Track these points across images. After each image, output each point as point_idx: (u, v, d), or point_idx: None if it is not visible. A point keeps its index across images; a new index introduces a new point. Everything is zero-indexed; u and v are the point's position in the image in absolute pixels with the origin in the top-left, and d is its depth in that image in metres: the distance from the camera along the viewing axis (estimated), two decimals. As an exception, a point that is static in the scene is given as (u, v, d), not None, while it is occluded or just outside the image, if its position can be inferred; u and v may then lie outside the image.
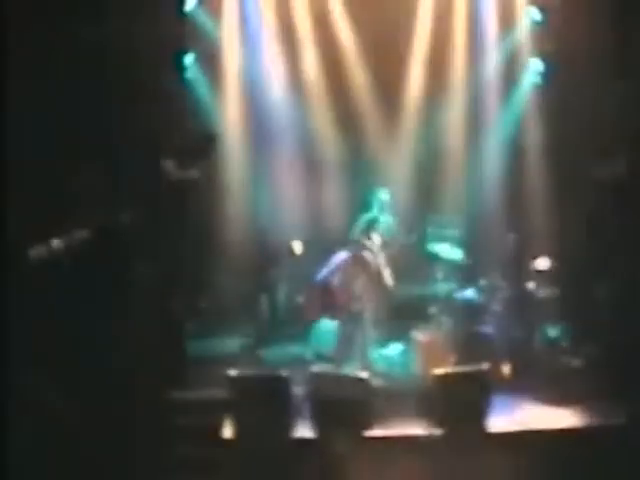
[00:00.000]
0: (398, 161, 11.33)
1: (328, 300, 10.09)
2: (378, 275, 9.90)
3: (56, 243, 8.98)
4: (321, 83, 11.30)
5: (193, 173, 10.51)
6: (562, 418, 8.74)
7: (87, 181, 9.53)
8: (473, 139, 11.43)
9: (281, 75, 11.25)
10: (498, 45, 11.28)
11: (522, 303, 10.30)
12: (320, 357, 10.08)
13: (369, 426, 8.38)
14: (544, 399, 9.20)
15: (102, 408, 8.01)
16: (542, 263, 10.23)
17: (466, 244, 10.66)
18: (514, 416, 8.80)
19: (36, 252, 8.70)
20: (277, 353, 10.31)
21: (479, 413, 8.46)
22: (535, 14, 11.11)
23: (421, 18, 11.21)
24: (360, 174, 11.25)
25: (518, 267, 10.41)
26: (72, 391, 8.08)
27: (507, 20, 11.27)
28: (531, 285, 10.29)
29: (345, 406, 8.39)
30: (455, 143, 11.46)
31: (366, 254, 9.94)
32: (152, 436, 8.05)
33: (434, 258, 10.60)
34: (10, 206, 7.70)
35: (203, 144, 10.20)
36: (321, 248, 10.72)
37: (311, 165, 11.40)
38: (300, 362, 9.88)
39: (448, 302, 10.57)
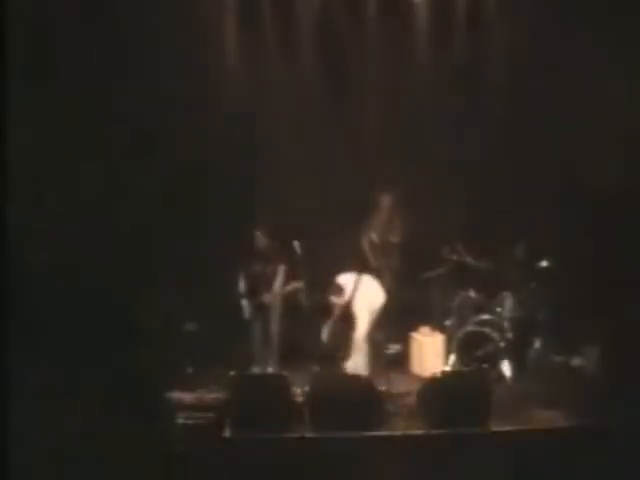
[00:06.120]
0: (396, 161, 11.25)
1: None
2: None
3: (56, 244, 9.00)
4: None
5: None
6: (561, 418, 8.73)
7: (87, 181, 9.56)
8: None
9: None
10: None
11: (522, 303, 10.31)
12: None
13: (369, 426, 8.38)
14: (544, 399, 9.19)
15: (102, 408, 8.01)
16: (543, 264, 10.23)
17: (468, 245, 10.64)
18: (514, 416, 8.79)
19: (36, 252, 8.71)
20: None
21: (479, 413, 8.46)
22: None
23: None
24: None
25: (519, 268, 10.41)
26: (72, 391, 8.08)
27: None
28: (531, 285, 10.29)
29: (345, 406, 8.40)
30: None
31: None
32: (152, 436, 8.05)
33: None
34: (10, 206, 7.71)
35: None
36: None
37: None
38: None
39: (449, 302, 10.59)
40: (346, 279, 9.86)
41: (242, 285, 9.99)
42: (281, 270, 9.88)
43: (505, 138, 10.98)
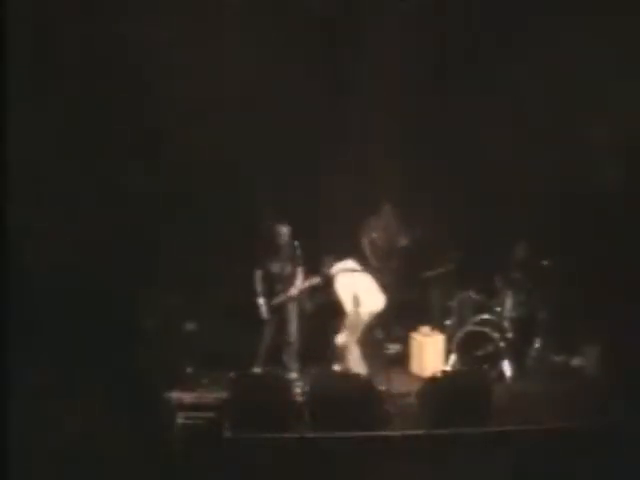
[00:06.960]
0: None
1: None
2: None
3: (56, 244, 8.99)
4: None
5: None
6: (561, 418, 8.73)
7: (87, 181, 9.57)
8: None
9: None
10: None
11: (522, 303, 10.31)
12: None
13: (369, 426, 8.38)
14: (544, 399, 9.20)
15: (102, 408, 8.01)
16: (543, 264, 10.23)
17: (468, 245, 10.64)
18: (514, 416, 8.79)
19: (36, 252, 8.71)
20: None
21: (479, 413, 8.47)
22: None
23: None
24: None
25: (519, 268, 10.41)
26: (72, 391, 8.08)
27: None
28: (531, 285, 10.29)
29: (345, 406, 8.40)
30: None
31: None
32: (152, 436, 8.05)
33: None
34: (10, 205, 7.71)
35: None
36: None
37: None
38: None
39: (449, 302, 10.60)
40: (347, 264, 9.84)
41: (259, 284, 9.92)
42: (300, 270, 9.86)
43: (505, 138, 10.96)
